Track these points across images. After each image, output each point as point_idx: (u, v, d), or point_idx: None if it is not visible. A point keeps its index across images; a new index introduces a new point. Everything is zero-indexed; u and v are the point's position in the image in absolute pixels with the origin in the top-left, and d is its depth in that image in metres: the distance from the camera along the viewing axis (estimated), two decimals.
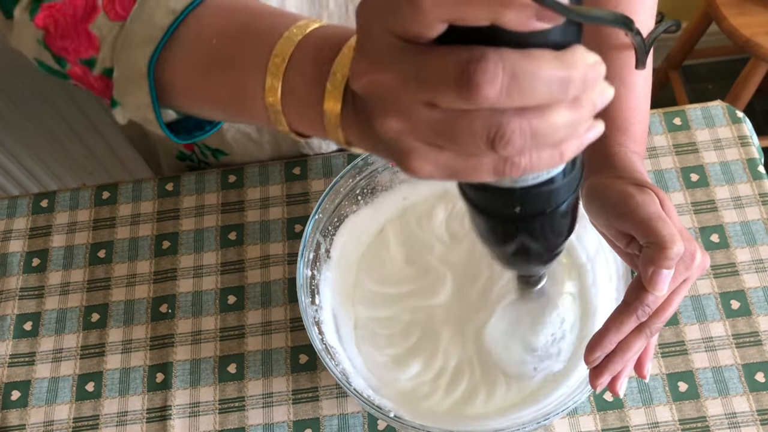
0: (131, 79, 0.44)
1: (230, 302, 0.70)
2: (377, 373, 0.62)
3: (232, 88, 0.41)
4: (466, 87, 0.26)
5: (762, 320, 0.65)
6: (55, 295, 0.71)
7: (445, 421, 0.58)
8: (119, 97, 0.45)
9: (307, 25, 0.39)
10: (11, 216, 0.76)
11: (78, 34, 0.45)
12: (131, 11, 0.44)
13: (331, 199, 0.63)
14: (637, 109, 0.55)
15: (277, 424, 0.64)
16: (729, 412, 0.61)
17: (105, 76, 0.46)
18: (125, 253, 0.73)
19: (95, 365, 0.68)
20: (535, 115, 0.27)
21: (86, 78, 0.47)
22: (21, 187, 1.30)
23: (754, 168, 0.72)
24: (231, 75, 0.41)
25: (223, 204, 0.75)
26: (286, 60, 0.37)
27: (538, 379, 0.60)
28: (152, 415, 0.65)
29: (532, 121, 0.27)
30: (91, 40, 0.45)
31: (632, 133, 0.54)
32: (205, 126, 0.51)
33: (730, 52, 1.75)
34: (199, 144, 0.79)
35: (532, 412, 0.55)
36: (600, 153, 0.53)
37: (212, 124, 0.52)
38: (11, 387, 0.67)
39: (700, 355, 0.64)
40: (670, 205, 0.48)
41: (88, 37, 0.45)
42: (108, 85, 0.46)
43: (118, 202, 0.76)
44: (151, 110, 0.45)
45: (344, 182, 0.64)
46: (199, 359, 0.67)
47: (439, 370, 0.62)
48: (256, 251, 0.72)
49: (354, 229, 0.67)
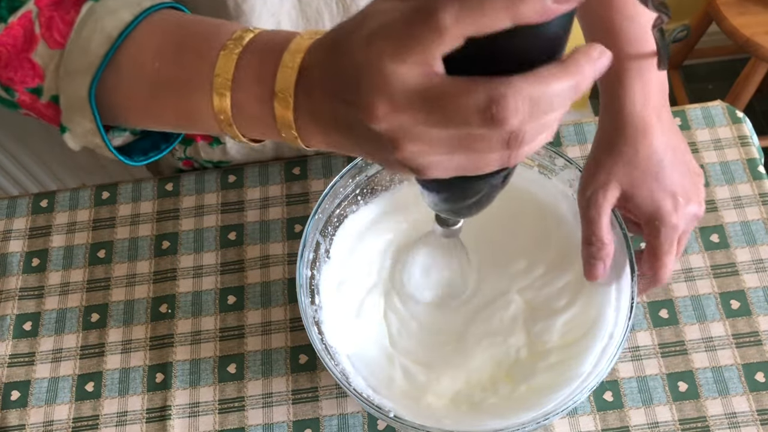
0: (75, 107, 0.44)
1: (230, 302, 0.70)
2: (377, 373, 0.62)
3: (180, 109, 0.42)
4: (491, 123, 0.27)
5: (762, 320, 0.65)
6: (55, 295, 0.71)
7: (445, 420, 0.58)
8: (67, 123, 0.45)
9: (242, 37, 0.39)
10: (11, 216, 0.76)
11: (21, 64, 0.45)
12: (69, 39, 0.44)
13: (330, 199, 0.63)
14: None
15: (277, 424, 0.64)
16: (729, 412, 0.61)
17: (53, 103, 0.46)
18: (125, 253, 0.73)
19: (95, 365, 0.68)
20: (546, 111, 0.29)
21: (35, 106, 0.47)
22: (21, 187, 1.30)
23: (754, 168, 0.72)
24: (178, 97, 0.41)
25: (222, 204, 0.75)
26: (229, 80, 0.38)
27: (523, 355, 0.61)
28: (152, 415, 0.65)
29: (542, 118, 0.28)
30: (35, 69, 0.45)
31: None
32: (161, 146, 0.51)
33: (730, 52, 1.75)
34: (198, 160, 0.79)
35: (533, 412, 0.55)
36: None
37: (169, 143, 0.52)
38: (11, 387, 0.67)
39: (700, 355, 0.64)
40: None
41: (32, 66, 0.45)
42: (57, 112, 0.46)
43: (117, 202, 0.76)
44: (98, 136, 0.45)
45: (344, 182, 0.64)
46: (198, 359, 0.67)
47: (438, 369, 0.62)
48: (255, 251, 0.72)
49: (353, 229, 0.67)
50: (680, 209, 0.54)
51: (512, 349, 0.62)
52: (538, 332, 0.61)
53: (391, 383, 0.61)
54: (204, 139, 0.75)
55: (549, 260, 0.64)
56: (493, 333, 0.62)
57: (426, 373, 0.61)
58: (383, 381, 0.61)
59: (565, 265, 0.63)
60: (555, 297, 0.62)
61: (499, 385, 0.60)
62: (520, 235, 0.66)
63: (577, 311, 0.61)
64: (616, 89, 0.55)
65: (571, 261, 0.62)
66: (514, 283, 0.64)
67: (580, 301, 0.61)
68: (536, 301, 0.63)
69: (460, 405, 0.60)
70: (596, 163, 0.56)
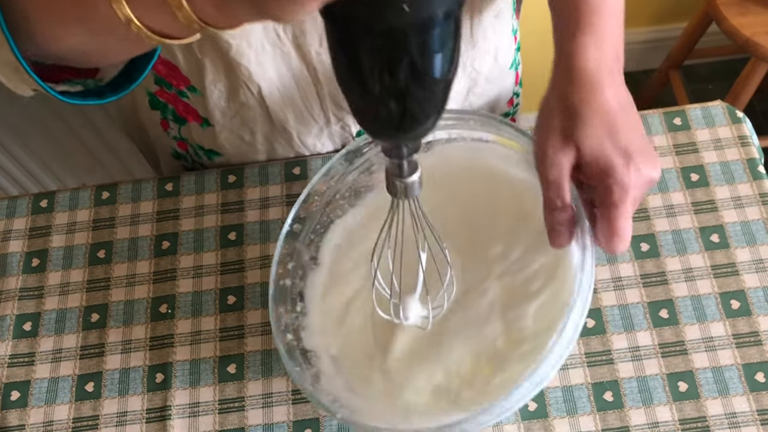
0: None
1: (230, 302, 0.70)
2: (357, 373, 0.61)
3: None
4: None
5: (762, 320, 0.65)
6: (55, 295, 0.71)
7: (420, 418, 0.57)
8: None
9: None
10: (11, 216, 0.76)
11: None
12: None
13: (310, 205, 0.63)
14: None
15: (277, 424, 0.64)
16: (729, 412, 0.61)
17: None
18: (125, 253, 0.73)
19: (95, 365, 0.68)
20: None
21: None
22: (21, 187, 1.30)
23: (754, 168, 0.72)
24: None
25: (222, 204, 0.75)
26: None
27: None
28: (152, 416, 0.65)
29: None
30: None
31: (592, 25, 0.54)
32: (133, 75, 0.50)
33: (730, 52, 1.75)
34: (192, 144, 0.79)
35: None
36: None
37: (141, 72, 0.50)
38: (11, 387, 0.67)
39: (700, 355, 0.64)
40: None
41: None
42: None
43: (117, 202, 0.76)
44: (13, 57, 0.42)
45: (321, 186, 0.64)
46: (198, 359, 0.67)
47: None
48: (255, 251, 0.72)
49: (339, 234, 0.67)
50: (632, 167, 0.51)
51: (489, 339, 0.60)
52: (513, 319, 0.60)
53: (369, 383, 0.60)
54: (195, 119, 0.75)
55: (527, 242, 0.62)
56: (470, 323, 0.61)
57: (404, 370, 0.60)
58: (362, 381, 0.60)
59: (543, 244, 0.59)
60: (530, 280, 0.60)
61: (476, 378, 0.59)
62: (497, 219, 0.64)
63: (549, 295, 0.59)
64: (570, 45, 0.54)
65: (546, 239, 0.59)
66: (492, 270, 0.62)
67: (552, 284, 0.59)
68: (513, 285, 0.61)
69: (439, 400, 0.59)
70: (549, 121, 0.54)
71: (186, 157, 0.82)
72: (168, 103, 0.75)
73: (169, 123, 0.78)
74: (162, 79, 0.71)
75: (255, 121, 0.74)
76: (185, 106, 0.73)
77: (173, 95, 0.73)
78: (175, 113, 0.76)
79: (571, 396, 0.63)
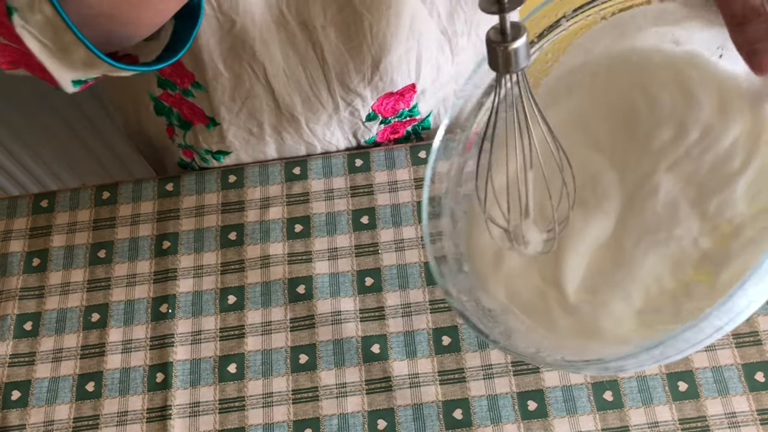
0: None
1: (230, 302, 0.70)
2: (534, 317, 0.53)
3: None
4: None
5: (762, 320, 0.65)
6: (55, 295, 0.72)
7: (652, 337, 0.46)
8: (11, 2, 0.41)
9: None
10: (11, 216, 0.76)
11: None
12: None
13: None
14: None
15: (277, 424, 0.64)
16: (729, 412, 0.62)
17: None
18: (125, 253, 0.73)
19: (95, 365, 0.68)
20: None
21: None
22: (21, 187, 1.31)
23: None
24: None
25: (223, 204, 0.75)
26: None
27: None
28: (152, 415, 0.65)
29: None
30: None
31: None
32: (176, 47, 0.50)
33: None
34: (198, 150, 0.79)
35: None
36: None
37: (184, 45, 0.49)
38: (11, 387, 0.67)
39: (699, 354, 0.64)
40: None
41: None
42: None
43: (118, 202, 0.76)
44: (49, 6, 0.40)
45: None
46: (199, 359, 0.68)
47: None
48: (256, 251, 0.72)
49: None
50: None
51: (686, 242, 0.49)
52: (715, 210, 0.48)
53: (554, 324, 0.52)
54: (201, 121, 0.75)
55: (704, 118, 0.49)
56: (652, 230, 0.50)
57: (589, 301, 0.51)
58: (546, 323, 0.52)
59: (729, 114, 0.48)
60: (725, 159, 0.48)
61: (691, 287, 0.49)
62: (655, 105, 0.52)
63: (761, 165, 0.47)
64: None
65: (734, 107, 0.48)
66: (658, 163, 0.51)
67: (761, 150, 0.47)
68: (699, 171, 0.49)
69: (653, 325, 0.49)
70: None
71: (192, 165, 0.82)
72: (173, 107, 0.75)
73: (175, 129, 0.78)
74: (166, 80, 0.71)
75: (262, 111, 0.73)
76: (190, 107, 0.73)
77: (178, 96, 0.73)
78: (180, 117, 0.76)
79: (571, 396, 0.63)
